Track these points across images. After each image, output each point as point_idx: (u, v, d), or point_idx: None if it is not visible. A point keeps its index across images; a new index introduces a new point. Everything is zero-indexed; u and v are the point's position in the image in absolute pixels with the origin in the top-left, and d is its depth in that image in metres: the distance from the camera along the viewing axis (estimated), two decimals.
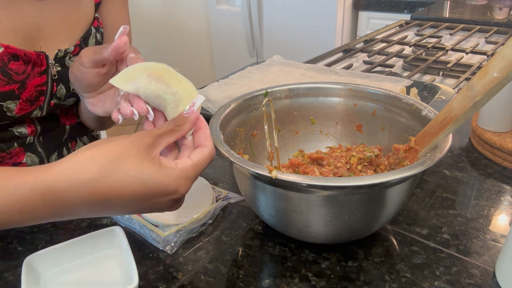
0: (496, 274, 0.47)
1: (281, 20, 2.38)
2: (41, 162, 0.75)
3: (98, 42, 0.73)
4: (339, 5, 2.15)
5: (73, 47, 0.68)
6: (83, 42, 0.70)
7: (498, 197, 0.61)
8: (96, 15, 0.73)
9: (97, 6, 0.73)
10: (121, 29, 0.48)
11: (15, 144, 0.68)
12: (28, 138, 0.69)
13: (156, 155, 0.40)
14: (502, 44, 1.27)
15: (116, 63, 0.53)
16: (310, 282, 0.48)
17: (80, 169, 0.38)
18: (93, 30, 0.71)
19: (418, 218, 0.57)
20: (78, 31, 0.69)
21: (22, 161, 0.71)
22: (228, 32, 2.67)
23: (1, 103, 0.61)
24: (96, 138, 0.90)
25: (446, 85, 0.89)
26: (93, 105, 0.56)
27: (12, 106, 0.62)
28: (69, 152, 0.80)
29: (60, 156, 0.78)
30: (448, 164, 0.69)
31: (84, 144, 0.85)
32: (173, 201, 0.42)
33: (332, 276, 0.48)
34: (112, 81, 0.44)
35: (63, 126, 0.76)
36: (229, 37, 2.68)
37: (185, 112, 0.44)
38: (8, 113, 0.63)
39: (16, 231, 0.57)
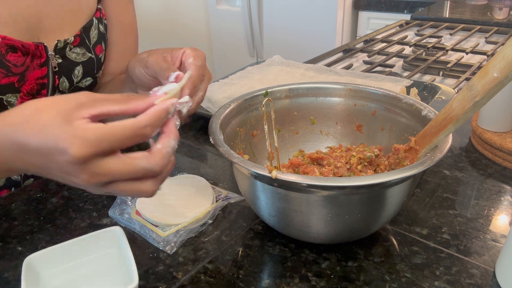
0: (496, 274, 0.47)
1: (281, 20, 2.38)
2: None
3: (101, 34, 0.72)
4: (339, 5, 2.15)
5: (73, 38, 0.66)
6: (84, 32, 0.69)
7: (498, 197, 0.61)
8: (99, 6, 0.72)
9: None
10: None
11: None
12: None
13: (81, 115, 0.36)
14: (502, 44, 1.27)
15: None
16: (310, 282, 0.47)
17: (12, 111, 0.37)
18: (95, 21, 0.70)
19: (418, 218, 0.57)
20: (79, 22, 0.68)
21: None
22: (228, 32, 2.67)
23: (1, 97, 0.60)
24: None
25: (446, 85, 0.89)
26: None
27: (13, 100, 0.61)
28: None
29: None
30: (448, 164, 0.69)
31: None
32: (68, 165, 0.35)
33: (332, 276, 0.48)
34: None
35: None
36: (229, 37, 2.68)
37: (156, 92, 0.41)
38: (9, 107, 0.61)
39: (16, 231, 0.57)
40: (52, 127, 0.35)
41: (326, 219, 0.46)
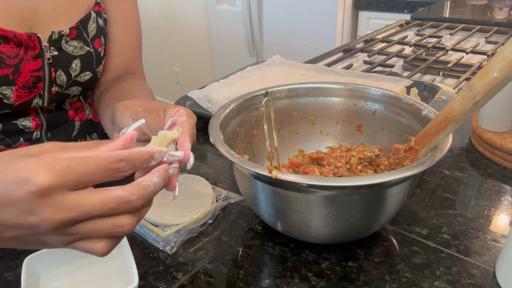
0: (497, 274, 0.47)
1: (281, 20, 2.38)
2: None
3: (100, 27, 0.71)
4: (339, 5, 2.15)
5: (68, 30, 0.65)
6: (82, 25, 0.68)
7: (498, 197, 0.61)
8: (98, 0, 0.72)
9: None
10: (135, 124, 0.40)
11: (21, 139, 0.67)
12: (34, 133, 0.68)
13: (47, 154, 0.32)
14: (502, 44, 1.27)
15: None
16: (310, 282, 0.47)
17: None
18: (93, 14, 0.70)
19: (418, 218, 0.57)
20: (76, 15, 0.67)
21: None
22: (228, 32, 2.67)
23: None
24: (107, 135, 0.90)
25: (446, 85, 0.89)
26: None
27: (8, 93, 0.61)
28: None
29: None
30: (448, 164, 0.69)
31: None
32: (29, 199, 0.31)
33: (332, 276, 0.48)
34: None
35: (72, 122, 0.75)
36: (229, 37, 2.68)
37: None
38: (5, 100, 0.61)
39: None
40: (14, 162, 0.31)
41: (326, 219, 0.46)
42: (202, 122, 0.85)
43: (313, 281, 0.48)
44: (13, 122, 0.66)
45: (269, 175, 0.43)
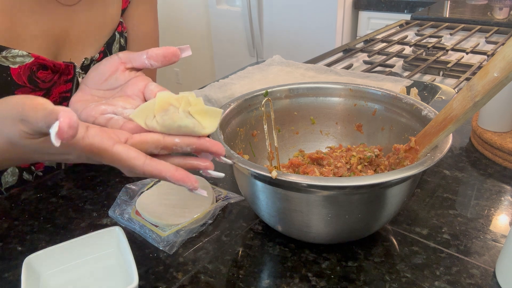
0: (497, 274, 0.47)
1: (281, 20, 2.38)
2: (58, 166, 0.75)
3: (122, 47, 0.73)
4: (339, 5, 2.15)
5: (98, 54, 0.68)
6: (107, 48, 0.70)
7: (498, 197, 0.61)
8: (121, 19, 0.73)
9: (123, 11, 0.73)
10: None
11: None
12: None
13: None
14: (503, 44, 1.27)
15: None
16: (310, 282, 0.47)
17: None
18: (117, 36, 0.71)
19: (418, 218, 0.57)
20: (103, 36, 0.69)
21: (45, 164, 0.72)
22: (228, 32, 2.67)
23: None
24: None
25: (446, 85, 0.89)
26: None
27: None
28: None
29: None
30: (449, 164, 0.69)
31: None
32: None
33: (332, 276, 0.48)
34: (133, 116, 0.42)
35: None
36: (229, 37, 2.68)
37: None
38: None
39: (16, 231, 0.57)
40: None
41: (326, 219, 0.46)
42: None
43: (313, 281, 0.48)
44: None
45: (269, 175, 0.43)
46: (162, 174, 0.39)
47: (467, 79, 1.02)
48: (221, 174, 0.43)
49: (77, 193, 0.65)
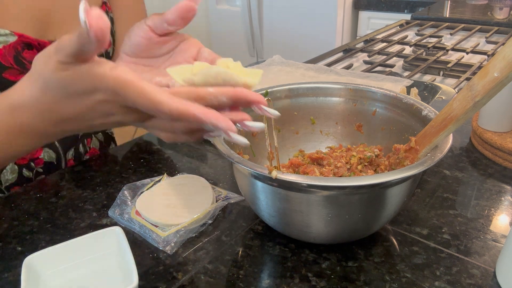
0: (497, 274, 0.47)
1: (281, 20, 2.38)
2: (58, 158, 0.75)
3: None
4: (339, 5, 2.15)
5: None
6: None
7: (498, 197, 0.61)
8: (104, 0, 0.72)
9: None
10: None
11: None
12: None
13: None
14: (503, 44, 1.27)
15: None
16: (310, 282, 0.47)
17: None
18: None
19: (418, 218, 0.57)
20: None
21: (40, 157, 0.71)
22: (228, 32, 2.67)
23: None
24: (109, 135, 0.90)
25: (446, 85, 0.89)
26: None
27: None
28: (84, 148, 0.80)
29: (77, 152, 0.77)
30: (449, 164, 0.69)
31: (99, 140, 0.85)
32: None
33: (332, 276, 0.48)
34: (169, 70, 0.39)
35: None
36: (229, 37, 2.68)
37: None
38: None
39: (16, 231, 0.57)
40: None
41: (326, 219, 0.46)
42: None
43: (313, 281, 0.48)
44: None
45: (269, 175, 0.43)
46: (191, 110, 0.35)
47: (467, 79, 1.02)
48: (261, 124, 0.39)
49: (77, 193, 0.65)
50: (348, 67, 1.19)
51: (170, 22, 0.42)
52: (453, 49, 1.28)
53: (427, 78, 1.12)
